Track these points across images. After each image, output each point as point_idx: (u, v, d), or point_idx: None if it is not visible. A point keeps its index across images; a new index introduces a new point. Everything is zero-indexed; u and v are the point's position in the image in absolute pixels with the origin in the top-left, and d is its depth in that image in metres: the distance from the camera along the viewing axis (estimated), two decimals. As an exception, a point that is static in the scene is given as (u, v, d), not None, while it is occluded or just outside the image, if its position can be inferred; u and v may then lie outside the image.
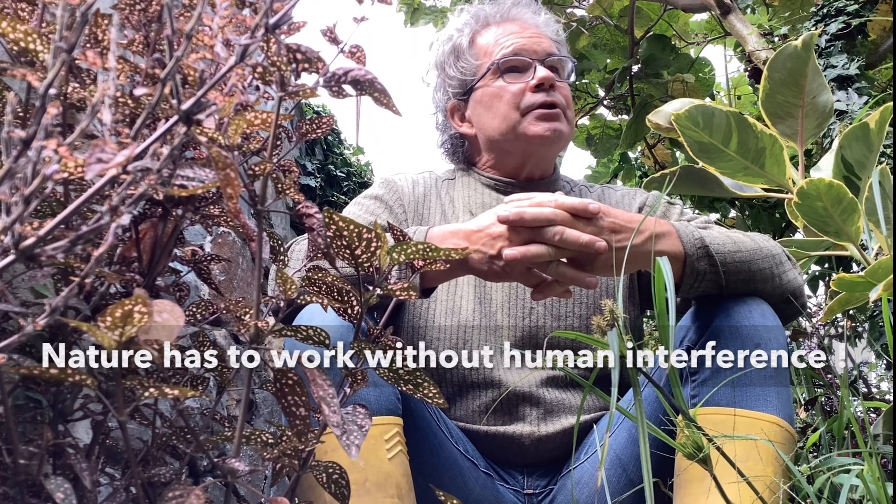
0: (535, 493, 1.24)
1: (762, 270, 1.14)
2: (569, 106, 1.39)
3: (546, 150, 1.38)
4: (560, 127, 1.35)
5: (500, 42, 1.39)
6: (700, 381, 1.08)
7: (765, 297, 1.13)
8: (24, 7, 0.68)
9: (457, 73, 1.43)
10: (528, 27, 1.41)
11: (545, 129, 1.34)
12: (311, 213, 0.72)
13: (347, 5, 0.70)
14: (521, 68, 1.37)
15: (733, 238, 1.15)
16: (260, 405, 2.17)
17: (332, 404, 0.67)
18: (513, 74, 1.37)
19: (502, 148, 1.39)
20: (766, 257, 1.15)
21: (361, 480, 1.03)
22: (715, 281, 1.11)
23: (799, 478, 0.90)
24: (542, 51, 1.38)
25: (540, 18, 1.45)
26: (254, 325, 0.71)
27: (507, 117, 1.36)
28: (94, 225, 0.48)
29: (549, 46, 1.40)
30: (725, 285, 1.11)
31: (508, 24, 1.42)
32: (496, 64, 1.37)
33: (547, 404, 1.24)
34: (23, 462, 0.60)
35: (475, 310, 1.29)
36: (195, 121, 0.53)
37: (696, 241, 1.11)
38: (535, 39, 1.39)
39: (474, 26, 1.44)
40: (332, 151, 3.67)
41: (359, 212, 1.36)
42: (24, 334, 0.48)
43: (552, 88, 1.35)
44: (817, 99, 1.45)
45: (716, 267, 1.10)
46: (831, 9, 2.09)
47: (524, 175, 1.41)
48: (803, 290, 1.21)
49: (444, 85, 1.46)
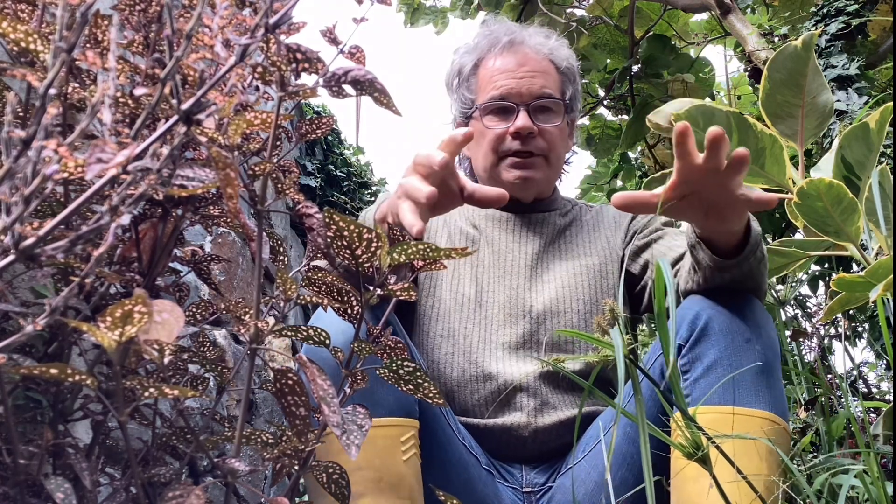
0: (534, 491, 1.25)
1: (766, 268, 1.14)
2: (551, 149, 1.42)
3: (520, 194, 1.42)
4: (532, 175, 1.40)
5: (493, 80, 1.42)
6: (692, 379, 1.08)
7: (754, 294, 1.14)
8: (24, 7, 0.68)
9: (458, 99, 1.48)
10: (528, 61, 1.42)
11: (516, 177, 1.40)
12: (311, 214, 0.72)
13: (347, 5, 0.70)
14: (506, 111, 1.41)
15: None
16: (260, 405, 2.17)
17: (331, 404, 0.67)
18: (498, 116, 1.41)
19: (485, 183, 1.44)
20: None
21: (376, 479, 1.04)
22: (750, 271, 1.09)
23: (795, 473, 0.90)
24: (530, 93, 1.40)
25: (548, 45, 1.45)
26: (254, 325, 0.71)
27: (486, 157, 1.42)
28: (94, 225, 0.48)
29: (542, 86, 1.41)
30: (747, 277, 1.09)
31: (508, 57, 1.43)
32: (481, 107, 1.42)
33: (543, 396, 1.26)
34: (23, 462, 0.60)
35: (475, 309, 1.32)
36: (195, 121, 0.53)
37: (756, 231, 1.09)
38: (527, 81, 1.40)
39: (481, 51, 1.47)
40: (332, 151, 3.68)
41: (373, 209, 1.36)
42: (24, 334, 0.48)
43: (531, 136, 1.39)
44: (817, 99, 1.45)
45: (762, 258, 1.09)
46: (831, 9, 2.09)
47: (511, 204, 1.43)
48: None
49: (453, 102, 1.52)
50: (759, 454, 1.01)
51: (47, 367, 0.56)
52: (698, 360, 1.07)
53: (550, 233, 1.43)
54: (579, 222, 1.47)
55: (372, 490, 1.03)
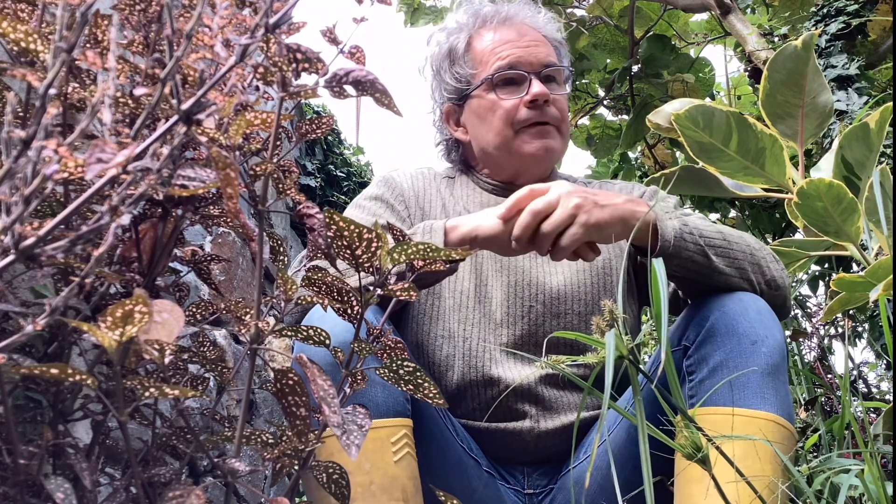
0: (536, 493, 1.24)
1: (742, 251, 1.14)
2: (563, 119, 1.38)
3: (538, 166, 1.38)
4: (552, 144, 1.35)
5: (496, 52, 1.37)
6: (698, 380, 1.08)
7: (754, 287, 1.13)
8: (24, 7, 0.68)
9: (452, 79, 1.41)
10: (527, 32, 1.39)
11: (537, 148, 1.35)
12: (311, 214, 0.72)
13: (347, 5, 0.70)
14: (516, 81, 1.36)
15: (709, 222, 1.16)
16: (260, 405, 2.17)
17: (332, 404, 0.67)
18: (508, 88, 1.36)
19: (496, 161, 1.40)
20: (744, 244, 1.15)
21: (367, 483, 1.03)
22: (698, 251, 1.10)
23: (796, 475, 0.90)
24: (539, 62, 1.36)
25: (540, 18, 1.43)
26: (254, 325, 0.71)
27: (500, 132, 1.36)
28: (94, 225, 0.48)
29: (547, 55, 1.38)
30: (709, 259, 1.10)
31: (506, 30, 1.39)
32: (491, 78, 1.36)
33: (546, 401, 1.24)
34: (23, 462, 0.60)
35: (475, 308, 1.29)
36: (195, 121, 0.53)
37: (672, 211, 1.11)
38: (532, 49, 1.37)
39: (471, 28, 1.42)
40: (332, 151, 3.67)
41: (360, 214, 1.35)
42: (24, 334, 0.48)
43: (546, 104, 1.34)
44: (817, 99, 1.45)
45: (693, 236, 1.10)
46: (831, 9, 2.09)
47: (520, 182, 1.41)
48: (788, 287, 1.21)
49: (441, 87, 1.45)
50: (765, 456, 1.01)
51: (47, 367, 0.56)
52: (704, 362, 1.07)
53: None
54: None
55: (362, 494, 1.02)
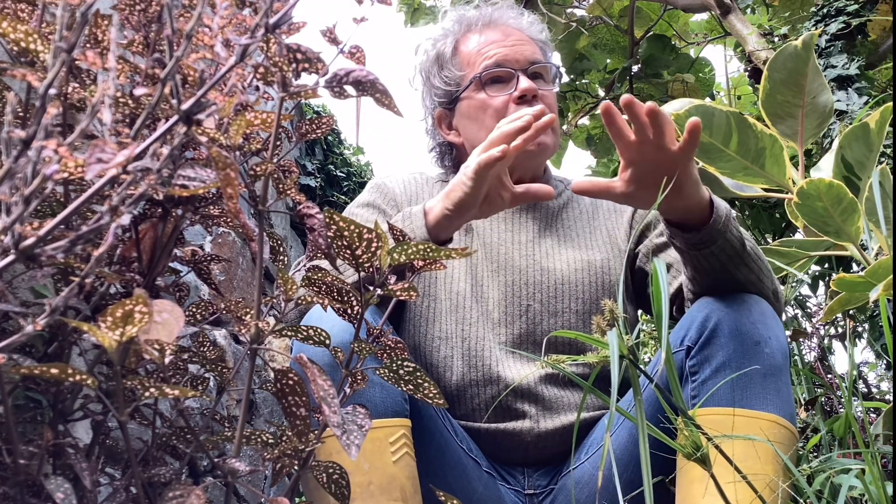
0: (536, 493, 1.24)
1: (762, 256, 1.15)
2: (553, 113, 1.38)
3: (530, 162, 1.37)
4: (544, 140, 1.35)
5: (482, 52, 1.38)
6: (700, 380, 1.08)
7: (765, 291, 1.14)
8: (24, 7, 0.68)
9: (441, 84, 1.42)
10: (511, 33, 1.40)
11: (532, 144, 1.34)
12: (312, 214, 0.72)
13: (347, 5, 0.70)
14: (504, 79, 1.37)
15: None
16: (260, 405, 2.17)
17: (332, 404, 0.67)
18: (496, 86, 1.37)
19: None
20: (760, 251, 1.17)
21: (365, 483, 1.03)
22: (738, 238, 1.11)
23: (797, 476, 0.90)
24: (525, 59, 1.37)
25: (524, 20, 1.44)
26: (254, 325, 0.71)
27: (492, 130, 1.36)
28: (94, 225, 0.48)
29: (533, 53, 1.39)
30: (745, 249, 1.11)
31: (490, 31, 1.40)
32: (478, 77, 1.37)
33: (546, 401, 1.24)
34: (23, 462, 0.60)
35: (472, 308, 1.29)
36: (195, 121, 0.53)
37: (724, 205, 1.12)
38: (518, 47, 1.38)
39: (457, 33, 1.43)
40: (332, 151, 3.67)
41: None
42: (24, 334, 0.48)
43: (535, 99, 1.34)
44: (817, 99, 1.45)
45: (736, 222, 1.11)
46: (831, 9, 2.09)
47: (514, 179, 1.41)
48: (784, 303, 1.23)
49: (431, 93, 1.46)
50: (766, 456, 1.01)
51: (47, 367, 0.56)
52: (707, 362, 1.07)
53: (544, 217, 1.39)
54: (575, 205, 1.43)
55: (360, 494, 1.02)
